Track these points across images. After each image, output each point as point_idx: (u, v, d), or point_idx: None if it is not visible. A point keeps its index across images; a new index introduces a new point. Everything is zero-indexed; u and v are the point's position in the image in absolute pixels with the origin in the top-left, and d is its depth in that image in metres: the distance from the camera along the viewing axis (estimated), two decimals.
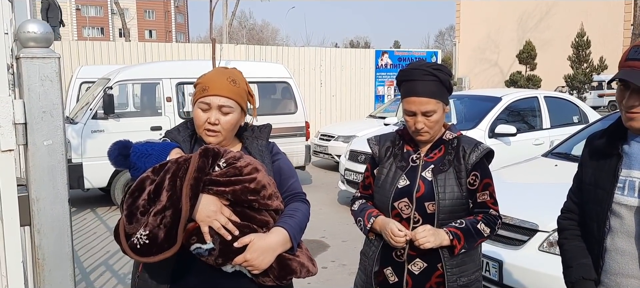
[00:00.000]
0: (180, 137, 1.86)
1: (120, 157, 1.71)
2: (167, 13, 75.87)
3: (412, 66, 2.07)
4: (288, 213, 1.79)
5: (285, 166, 1.94)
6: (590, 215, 1.83)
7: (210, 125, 1.77)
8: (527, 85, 21.86)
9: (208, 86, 1.78)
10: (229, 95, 1.78)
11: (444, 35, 69.17)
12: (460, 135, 2.16)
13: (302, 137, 8.73)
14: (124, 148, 1.72)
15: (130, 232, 1.55)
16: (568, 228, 1.97)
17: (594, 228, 1.81)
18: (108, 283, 4.75)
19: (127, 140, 1.75)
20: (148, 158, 1.69)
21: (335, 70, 15.02)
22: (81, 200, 7.91)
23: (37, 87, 1.31)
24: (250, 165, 1.68)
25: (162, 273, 1.70)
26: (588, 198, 1.85)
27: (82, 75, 9.77)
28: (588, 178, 1.86)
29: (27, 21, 1.31)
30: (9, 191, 1.34)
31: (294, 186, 1.92)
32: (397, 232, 2.02)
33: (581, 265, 1.83)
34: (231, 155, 1.70)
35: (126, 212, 1.57)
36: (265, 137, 1.94)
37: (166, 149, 1.73)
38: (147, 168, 1.64)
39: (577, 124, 7.29)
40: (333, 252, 5.60)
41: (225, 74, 1.83)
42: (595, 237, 1.80)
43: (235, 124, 1.82)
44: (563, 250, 1.96)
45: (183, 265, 1.70)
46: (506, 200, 3.69)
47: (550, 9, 30.13)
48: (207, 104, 1.77)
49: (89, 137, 7.08)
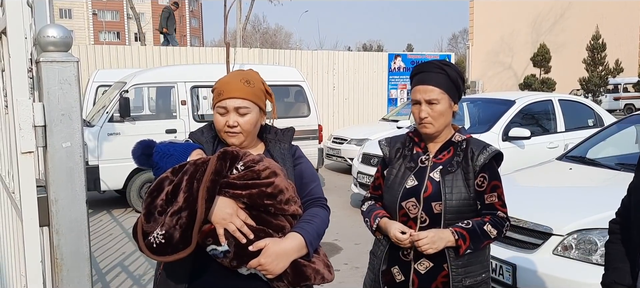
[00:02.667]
0: (204, 138, 1.89)
1: (144, 157, 1.75)
2: (182, 17, 76.43)
3: (425, 62, 2.15)
4: (306, 218, 1.79)
5: (307, 170, 1.94)
6: (633, 220, 1.82)
7: (229, 128, 1.80)
8: (542, 89, 21.67)
9: (223, 90, 1.81)
10: (243, 96, 1.80)
11: (457, 38, 68.85)
12: (469, 137, 2.18)
13: (315, 140, 8.74)
14: (147, 148, 1.75)
15: (148, 231, 1.58)
16: (614, 232, 1.97)
17: (634, 234, 1.80)
18: (124, 284, 4.80)
19: (151, 140, 1.78)
20: (170, 158, 1.72)
21: (348, 74, 15.02)
22: (97, 202, 7.99)
23: (56, 90, 1.34)
24: (268, 169, 1.69)
25: (180, 273, 1.72)
26: (635, 203, 1.84)
27: (98, 78, 9.89)
28: (634, 183, 1.85)
29: (47, 26, 1.35)
30: (28, 192, 1.37)
31: (314, 191, 1.92)
32: (400, 236, 2.05)
33: (617, 269, 1.83)
34: (250, 158, 1.71)
35: (145, 210, 1.60)
36: (288, 140, 1.96)
37: (188, 150, 1.75)
38: (168, 168, 1.67)
39: (592, 128, 7.22)
40: (346, 254, 5.60)
41: (239, 76, 1.85)
42: (634, 243, 1.80)
43: (254, 123, 1.83)
44: (606, 253, 1.96)
45: (201, 265, 1.72)
46: (520, 204, 3.68)
47: (565, 12, 29.85)
48: (224, 107, 1.80)
49: (105, 139, 7.17)
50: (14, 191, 1.54)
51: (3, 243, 1.99)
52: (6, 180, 1.73)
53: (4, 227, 1.91)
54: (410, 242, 2.04)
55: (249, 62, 12.16)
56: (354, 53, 16.21)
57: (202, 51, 14.14)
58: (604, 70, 21.99)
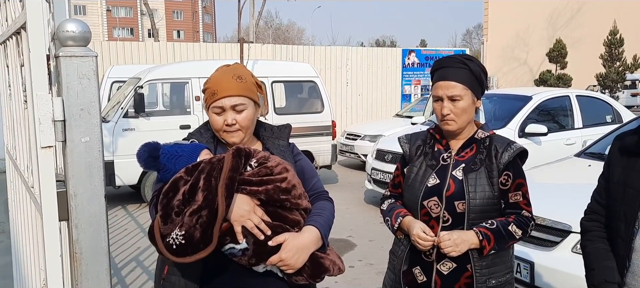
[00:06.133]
0: (203, 138, 1.87)
1: (150, 159, 1.72)
2: (195, 13, 76.76)
3: (446, 57, 2.10)
4: (316, 212, 1.80)
5: (307, 166, 1.95)
6: (617, 214, 1.79)
7: (227, 127, 1.78)
8: (557, 84, 21.42)
9: (216, 90, 1.77)
10: (238, 93, 1.77)
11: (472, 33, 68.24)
12: (493, 134, 2.13)
13: (329, 136, 8.73)
14: (154, 150, 1.73)
15: (165, 233, 1.56)
16: (591, 230, 1.93)
17: (621, 228, 1.77)
18: (139, 279, 4.83)
19: (156, 142, 1.76)
20: (178, 159, 1.70)
21: (362, 70, 14.97)
22: (112, 197, 8.06)
23: (75, 85, 1.33)
24: (280, 165, 1.69)
25: (191, 274, 1.70)
26: (616, 198, 1.81)
27: (113, 74, 9.97)
28: (617, 177, 1.82)
29: (66, 20, 1.34)
30: (48, 187, 1.37)
31: (317, 185, 1.93)
32: (423, 235, 2.00)
33: (604, 267, 1.80)
34: (261, 155, 1.71)
35: (161, 212, 1.58)
36: (285, 137, 1.95)
37: (196, 150, 1.74)
38: (177, 169, 1.65)
39: (610, 124, 7.11)
40: (360, 251, 5.59)
41: (230, 73, 1.81)
42: (622, 237, 1.76)
43: (252, 118, 1.82)
44: (585, 253, 1.92)
45: (212, 266, 1.70)
46: (538, 201, 3.61)
47: (582, 7, 29.43)
48: (220, 107, 1.77)
49: (120, 135, 7.22)
50: (33, 186, 1.54)
51: (22, 238, 2.00)
52: (25, 175, 1.74)
53: (23, 222, 1.92)
54: (431, 245, 2.00)
55: (262, 58, 12.17)
56: (367, 49, 16.16)
57: (215, 47, 14.20)
58: (621, 66, 21.67)
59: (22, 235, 1.98)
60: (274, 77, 8.52)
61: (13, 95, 1.88)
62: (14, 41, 1.70)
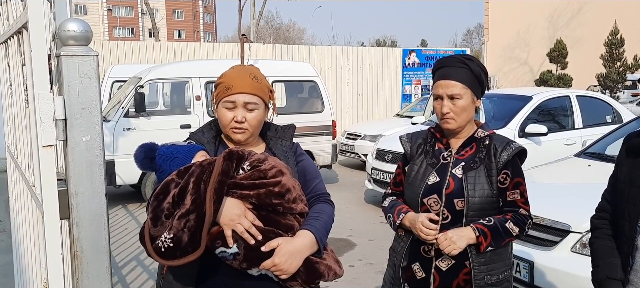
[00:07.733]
0: (205, 138, 1.87)
1: (147, 160, 1.72)
2: (196, 13, 76.77)
3: (447, 57, 2.13)
4: (313, 215, 1.77)
5: (310, 167, 1.93)
6: (622, 213, 1.82)
7: (237, 123, 1.77)
8: (558, 84, 21.43)
9: (231, 85, 1.78)
10: (253, 92, 1.78)
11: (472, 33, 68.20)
12: (492, 133, 2.15)
13: (329, 136, 8.73)
14: (150, 151, 1.72)
15: (155, 235, 1.56)
16: (600, 227, 1.96)
17: (625, 227, 1.79)
18: (139, 278, 4.84)
19: (153, 143, 1.75)
20: (174, 161, 1.69)
21: (362, 69, 14.97)
22: (113, 197, 8.06)
23: (76, 84, 1.34)
24: (274, 168, 1.67)
25: (187, 275, 1.70)
26: (621, 196, 1.84)
27: (113, 74, 9.97)
28: (623, 177, 1.84)
29: (67, 20, 1.35)
30: (49, 185, 1.38)
31: (318, 187, 1.91)
32: (428, 223, 2.02)
33: (608, 264, 1.82)
34: (255, 157, 1.69)
35: (151, 215, 1.58)
36: (289, 137, 1.94)
37: (191, 152, 1.73)
38: (173, 171, 1.64)
39: (610, 124, 7.11)
40: (360, 250, 5.59)
41: (247, 71, 1.83)
42: (626, 235, 1.79)
43: (260, 120, 1.82)
44: (593, 249, 1.95)
45: (208, 267, 1.70)
46: (537, 200, 3.63)
47: (582, 7, 29.43)
48: (232, 102, 1.77)
49: (120, 134, 7.23)
50: (34, 184, 1.55)
51: (23, 236, 2.01)
52: (26, 173, 1.74)
53: (24, 220, 1.93)
54: (435, 235, 2.02)
55: (262, 58, 12.17)
56: (368, 49, 16.16)
57: (216, 47, 14.19)
58: (622, 66, 21.69)
59: (23, 233, 1.99)
60: (274, 77, 8.51)
61: (14, 94, 1.89)
62: (16, 40, 1.70)
